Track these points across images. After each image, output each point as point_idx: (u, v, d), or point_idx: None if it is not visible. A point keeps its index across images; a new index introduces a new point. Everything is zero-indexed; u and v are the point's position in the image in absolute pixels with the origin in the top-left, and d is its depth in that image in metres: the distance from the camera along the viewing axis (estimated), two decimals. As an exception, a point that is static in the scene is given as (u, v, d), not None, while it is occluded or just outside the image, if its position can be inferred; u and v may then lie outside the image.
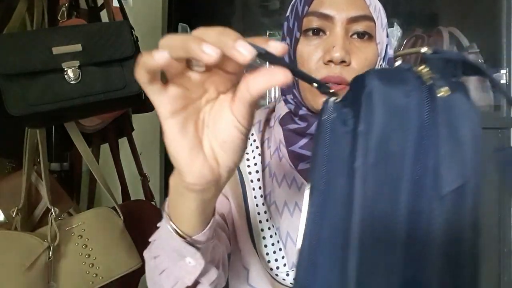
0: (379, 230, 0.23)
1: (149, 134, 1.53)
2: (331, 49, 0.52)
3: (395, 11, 1.58)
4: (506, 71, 1.39)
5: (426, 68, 0.26)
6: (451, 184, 0.23)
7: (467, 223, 0.24)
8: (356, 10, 0.53)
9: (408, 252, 0.23)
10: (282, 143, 0.60)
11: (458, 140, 0.24)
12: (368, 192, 0.24)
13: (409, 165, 0.24)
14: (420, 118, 0.24)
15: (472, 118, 0.24)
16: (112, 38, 0.79)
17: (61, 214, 0.81)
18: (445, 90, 0.24)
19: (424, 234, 0.23)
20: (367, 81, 0.25)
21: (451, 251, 0.23)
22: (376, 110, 0.24)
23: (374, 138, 0.24)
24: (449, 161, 0.23)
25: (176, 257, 0.40)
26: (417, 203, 0.23)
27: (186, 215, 0.37)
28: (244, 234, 0.59)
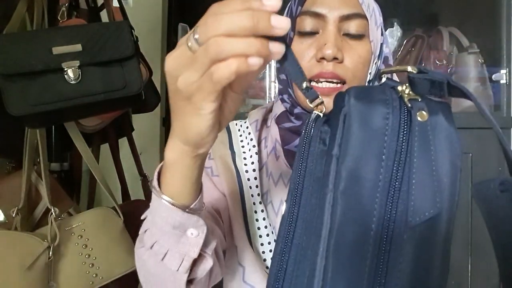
0: (346, 263, 0.23)
1: (149, 134, 1.53)
2: (323, 47, 0.53)
3: (395, 11, 1.58)
4: (506, 71, 1.39)
5: (408, 89, 0.25)
6: (422, 214, 0.22)
7: (436, 257, 0.23)
8: (348, 8, 0.54)
9: (375, 279, 0.23)
10: (278, 142, 0.61)
11: (434, 169, 0.23)
12: (335, 218, 0.23)
13: (381, 193, 0.23)
14: (396, 143, 0.23)
15: (450, 144, 0.23)
16: (112, 38, 0.79)
17: (61, 214, 0.81)
18: (424, 114, 0.24)
19: (392, 264, 0.23)
20: (346, 100, 0.24)
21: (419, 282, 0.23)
22: (352, 133, 0.23)
23: (347, 164, 0.23)
24: (421, 190, 0.22)
25: (178, 234, 0.41)
26: (388, 232, 0.23)
27: (188, 184, 0.38)
28: (240, 231, 0.59)
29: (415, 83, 0.25)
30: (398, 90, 0.25)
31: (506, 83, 1.39)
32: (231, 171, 0.61)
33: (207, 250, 0.44)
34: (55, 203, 0.79)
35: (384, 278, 0.22)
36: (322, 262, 0.23)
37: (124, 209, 0.87)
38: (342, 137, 0.24)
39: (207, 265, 0.44)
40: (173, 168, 0.38)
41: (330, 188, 0.24)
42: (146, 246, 0.44)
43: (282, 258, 0.28)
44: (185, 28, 1.57)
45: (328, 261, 0.23)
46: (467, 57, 1.46)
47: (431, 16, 1.64)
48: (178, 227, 0.40)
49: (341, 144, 0.24)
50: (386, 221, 0.23)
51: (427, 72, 0.25)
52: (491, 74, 1.43)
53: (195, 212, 0.40)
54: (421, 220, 0.22)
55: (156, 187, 0.40)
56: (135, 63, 0.81)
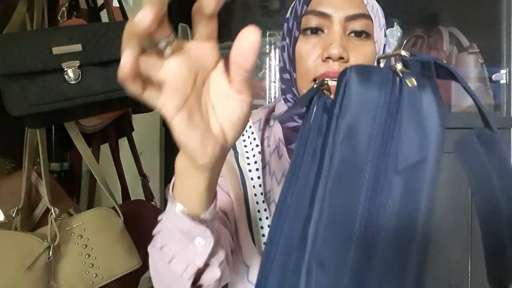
0: (341, 200, 0.26)
1: (149, 134, 1.53)
2: (329, 46, 0.53)
3: (395, 11, 1.58)
4: (506, 71, 1.39)
5: (401, 65, 0.29)
6: (408, 161, 0.26)
7: (422, 200, 0.26)
8: (353, 8, 0.54)
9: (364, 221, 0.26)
10: (282, 142, 0.61)
11: (421, 124, 0.26)
12: (334, 166, 0.27)
13: (374, 145, 0.26)
14: (388, 104, 0.27)
15: (435, 110, 0.27)
16: (112, 38, 0.79)
17: (61, 214, 0.81)
18: (412, 81, 0.28)
19: (382, 207, 0.26)
20: (347, 72, 0.28)
21: (405, 227, 0.26)
22: (351, 96, 0.27)
23: (345, 119, 0.27)
24: (408, 140, 0.26)
25: (185, 240, 0.41)
26: (380, 177, 0.26)
27: (195, 195, 0.37)
28: (244, 231, 0.59)
29: (408, 65, 0.29)
30: (392, 67, 0.30)
31: (506, 83, 1.39)
32: (234, 171, 0.61)
33: (214, 261, 0.44)
34: (55, 203, 0.79)
35: (377, 210, 0.26)
36: (319, 204, 0.27)
37: (124, 209, 0.87)
38: (342, 99, 0.28)
39: (214, 275, 0.44)
40: (180, 177, 0.37)
41: (330, 141, 0.27)
42: (157, 247, 0.44)
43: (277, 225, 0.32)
44: (185, 28, 1.57)
45: (325, 201, 0.26)
46: (467, 57, 1.46)
47: (431, 16, 1.64)
48: (186, 234, 0.40)
49: (341, 104, 0.27)
50: (379, 168, 0.26)
51: (417, 55, 0.30)
52: (491, 74, 1.43)
53: (204, 223, 0.40)
54: (407, 165, 0.26)
55: (170, 193, 0.40)
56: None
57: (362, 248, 0.25)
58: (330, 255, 0.26)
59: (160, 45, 0.27)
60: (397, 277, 0.25)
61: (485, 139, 0.27)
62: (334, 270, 0.25)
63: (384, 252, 0.25)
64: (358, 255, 0.25)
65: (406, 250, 0.25)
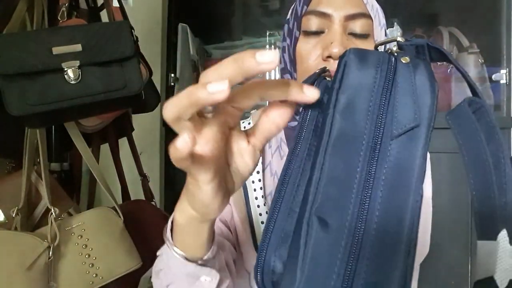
0: (340, 163, 0.28)
1: (149, 134, 1.53)
2: (330, 45, 0.53)
3: (395, 11, 1.58)
4: (506, 71, 1.39)
5: (396, 47, 0.32)
6: (403, 126, 0.28)
7: (417, 162, 0.27)
8: (353, 8, 0.54)
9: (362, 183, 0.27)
10: (284, 141, 0.61)
11: (414, 95, 0.28)
12: (333, 133, 0.28)
13: (371, 116, 0.28)
14: (384, 80, 0.29)
15: (427, 84, 0.29)
16: (112, 38, 0.79)
17: (61, 214, 0.81)
18: (406, 59, 0.30)
19: (378, 168, 0.28)
20: (347, 54, 0.30)
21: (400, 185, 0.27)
22: (349, 73, 0.29)
23: (345, 92, 0.29)
24: (403, 108, 0.28)
25: (191, 280, 0.41)
26: (376, 142, 0.28)
27: (198, 243, 0.38)
28: (246, 237, 0.59)
29: (404, 49, 0.32)
30: (388, 49, 0.32)
31: (506, 83, 1.39)
32: None
33: None
34: (55, 203, 0.79)
35: (374, 170, 0.27)
36: (319, 165, 0.28)
37: (124, 209, 0.87)
38: (342, 75, 0.30)
39: None
40: (182, 229, 0.37)
41: (330, 111, 0.29)
42: (163, 285, 0.45)
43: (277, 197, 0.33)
44: (185, 28, 1.57)
45: (325, 163, 0.28)
46: (467, 57, 1.46)
47: (431, 16, 1.64)
48: (191, 276, 0.41)
49: (340, 80, 0.29)
50: (376, 136, 0.28)
51: (410, 40, 0.32)
52: (491, 74, 1.43)
53: (207, 262, 0.40)
54: (402, 130, 0.28)
55: (169, 239, 0.39)
56: (135, 63, 0.81)
57: (360, 205, 0.27)
58: (330, 211, 0.27)
59: (206, 110, 0.27)
60: (392, 232, 0.26)
61: (476, 106, 0.29)
62: (334, 226, 0.27)
63: (380, 210, 0.27)
64: (356, 212, 0.27)
65: (402, 208, 0.27)
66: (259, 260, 0.32)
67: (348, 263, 0.26)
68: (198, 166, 0.27)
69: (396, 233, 0.26)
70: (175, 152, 0.25)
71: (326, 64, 0.54)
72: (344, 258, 0.26)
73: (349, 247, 0.26)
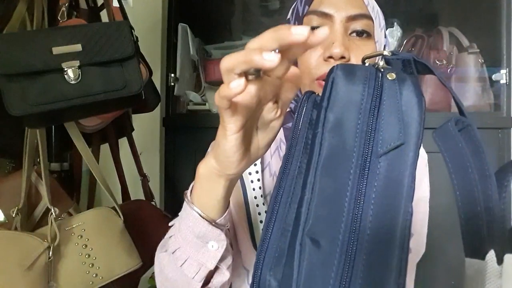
0: (331, 182, 0.28)
1: (149, 134, 1.53)
2: (331, 46, 0.53)
3: (395, 11, 1.58)
4: (506, 71, 1.39)
5: (383, 62, 0.32)
6: (388, 144, 0.28)
7: (405, 180, 0.28)
8: (354, 8, 0.54)
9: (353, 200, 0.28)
10: (283, 142, 0.61)
11: (399, 111, 0.29)
12: (323, 152, 0.29)
13: (360, 134, 0.29)
14: (371, 96, 0.29)
15: (414, 100, 0.29)
16: (112, 38, 0.79)
17: (61, 214, 0.81)
18: (393, 75, 0.30)
19: (368, 186, 0.28)
20: (334, 70, 0.31)
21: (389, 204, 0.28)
22: (338, 91, 0.30)
23: (334, 110, 0.29)
24: (388, 126, 0.28)
25: (199, 244, 0.43)
26: (365, 161, 0.28)
27: (214, 201, 0.41)
28: (244, 235, 0.60)
29: (391, 63, 0.32)
30: (375, 65, 0.32)
31: (506, 83, 1.39)
32: None
33: (223, 265, 0.46)
34: (55, 203, 0.79)
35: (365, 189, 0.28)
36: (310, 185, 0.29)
37: (124, 209, 0.87)
38: (330, 92, 0.30)
39: (223, 277, 0.47)
40: (202, 182, 0.41)
41: (319, 130, 0.30)
42: (169, 251, 0.46)
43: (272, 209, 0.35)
44: (185, 28, 1.57)
45: (316, 183, 0.28)
46: (467, 57, 1.46)
47: (431, 16, 1.64)
48: (201, 238, 0.43)
49: (329, 98, 0.30)
50: (365, 154, 0.28)
51: (397, 54, 0.33)
52: (491, 74, 1.42)
53: (220, 227, 0.43)
54: (387, 149, 0.28)
55: (188, 197, 0.43)
56: (135, 63, 0.81)
57: (351, 224, 0.27)
58: (322, 231, 0.28)
59: (250, 71, 0.31)
60: (384, 251, 0.27)
61: (462, 125, 0.29)
62: (326, 246, 0.27)
63: (372, 229, 0.27)
64: (348, 231, 0.27)
65: (391, 227, 0.27)
66: (255, 278, 0.33)
67: (341, 282, 0.27)
68: (230, 113, 0.33)
69: (387, 250, 0.27)
70: (225, 90, 0.30)
71: (327, 65, 0.54)
72: (338, 277, 0.27)
73: (342, 266, 0.27)
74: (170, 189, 1.57)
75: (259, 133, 0.38)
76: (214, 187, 0.40)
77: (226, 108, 0.32)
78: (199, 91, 1.65)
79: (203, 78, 1.64)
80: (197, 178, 0.42)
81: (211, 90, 1.62)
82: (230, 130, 0.34)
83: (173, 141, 1.60)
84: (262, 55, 0.28)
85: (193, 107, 1.64)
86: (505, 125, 1.38)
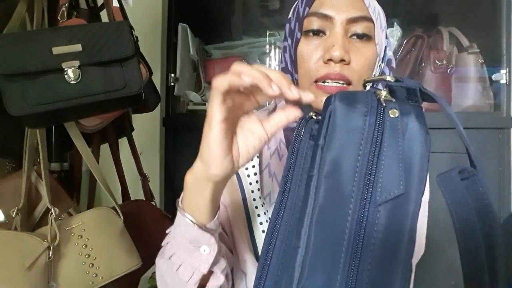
0: (326, 235, 0.27)
1: (149, 134, 1.53)
2: (331, 49, 0.53)
3: (395, 11, 1.58)
4: (506, 71, 1.39)
5: (385, 92, 0.29)
6: (388, 194, 0.26)
7: (405, 233, 0.26)
8: (355, 11, 0.54)
9: (350, 254, 0.26)
10: (283, 142, 0.61)
11: (401, 157, 0.26)
12: (318, 200, 0.27)
13: (358, 178, 0.27)
14: (372, 135, 0.27)
15: (418, 138, 0.27)
16: (112, 38, 0.79)
17: (61, 214, 0.81)
18: (395, 112, 0.28)
19: (366, 239, 0.26)
20: (333, 101, 0.29)
21: (389, 255, 0.26)
22: (335, 127, 0.28)
23: (330, 153, 0.27)
24: (388, 174, 0.26)
25: (192, 249, 0.45)
26: (363, 211, 0.26)
27: (202, 205, 0.43)
28: (241, 239, 0.59)
29: (394, 90, 0.30)
30: (377, 93, 0.30)
31: (506, 83, 1.39)
32: (232, 177, 0.61)
33: (217, 269, 0.47)
34: (55, 203, 0.79)
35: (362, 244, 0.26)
36: (305, 236, 0.27)
37: (124, 209, 0.87)
38: (327, 130, 0.28)
39: (219, 281, 0.48)
40: (190, 190, 0.43)
41: (315, 173, 0.28)
42: (166, 257, 0.48)
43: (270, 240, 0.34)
44: (185, 28, 1.57)
45: (310, 234, 0.27)
46: (467, 57, 1.46)
47: (431, 16, 1.64)
48: (193, 242, 0.44)
49: (326, 136, 0.28)
50: (363, 200, 0.27)
51: (402, 81, 0.30)
52: (491, 74, 1.42)
53: (210, 231, 0.45)
54: (387, 198, 0.26)
55: (180, 205, 0.45)
56: (135, 63, 0.81)
57: (348, 281, 0.26)
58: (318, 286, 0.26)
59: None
60: None
61: (467, 175, 0.28)
62: None
63: (369, 284, 0.26)
64: (344, 285, 0.26)
65: (391, 281, 0.26)
66: None
67: None
68: (222, 99, 0.38)
69: None
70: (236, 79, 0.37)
71: (327, 67, 0.54)
72: None
73: None
74: (170, 189, 1.57)
75: (239, 138, 0.41)
76: (201, 192, 0.42)
77: (222, 92, 0.37)
78: (199, 91, 1.65)
79: (203, 78, 1.64)
80: (185, 187, 0.44)
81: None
82: (215, 119, 0.38)
83: (173, 141, 1.60)
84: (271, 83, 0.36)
85: (193, 107, 1.64)
86: (505, 125, 1.38)
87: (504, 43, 1.39)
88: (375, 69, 0.56)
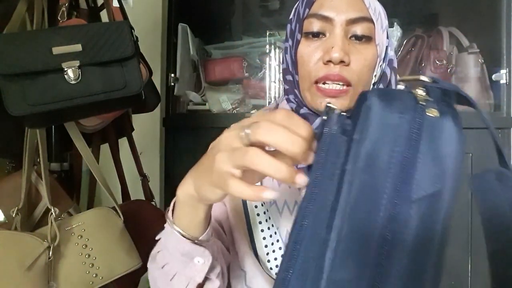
0: (359, 228, 0.26)
1: (149, 134, 1.53)
2: (331, 50, 0.53)
3: (395, 11, 1.58)
4: (506, 71, 1.39)
5: (423, 92, 0.29)
6: (423, 192, 0.26)
7: (437, 230, 0.26)
8: (355, 12, 0.54)
9: (381, 250, 0.26)
10: None
11: (438, 155, 0.26)
12: (352, 193, 0.27)
13: (393, 173, 0.26)
14: (408, 134, 0.27)
15: (455, 139, 0.27)
16: (112, 38, 0.79)
17: (61, 214, 0.81)
18: (434, 111, 0.27)
19: (398, 235, 0.26)
20: (369, 96, 0.28)
21: (420, 254, 0.26)
22: (372, 122, 0.27)
23: (366, 147, 0.27)
24: (424, 172, 0.26)
25: (186, 260, 0.44)
26: (396, 207, 0.26)
27: (195, 222, 0.42)
28: (241, 237, 0.59)
29: (429, 90, 0.29)
30: (414, 92, 0.29)
31: (506, 83, 1.39)
32: None
33: (212, 275, 0.47)
34: (55, 203, 0.79)
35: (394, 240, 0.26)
36: (336, 229, 0.27)
37: (124, 209, 0.87)
38: (363, 125, 0.28)
39: (214, 285, 0.48)
40: (182, 206, 0.42)
41: (349, 167, 0.27)
42: (158, 266, 0.47)
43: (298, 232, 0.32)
44: (185, 28, 1.57)
45: (343, 227, 0.26)
46: (467, 57, 1.46)
47: (431, 16, 1.64)
48: (186, 255, 0.44)
49: (362, 131, 0.27)
50: (396, 197, 0.26)
51: (438, 82, 0.29)
52: (491, 74, 1.42)
53: (203, 243, 0.44)
54: (422, 196, 0.26)
55: (170, 218, 0.44)
56: (135, 63, 0.81)
57: (379, 276, 0.26)
58: (347, 283, 0.26)
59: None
60: None
61: (503, 176, 0.27)
62: None
63: (400, 279, 0.25)
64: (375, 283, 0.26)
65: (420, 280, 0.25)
66: None
67: None
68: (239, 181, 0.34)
69: None
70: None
71: (326, 68, 0.54)
72: None
73: None
74: (170, 189, 1.57)
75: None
76: (194, 211, 0.42)
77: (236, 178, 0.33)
78: (199, 91, 1.65)
79: (203, 78, 1.64)
80: (177, 201, 0.43)
81: (211, 90, 1.62)
82: (221, 193, 0.37)
83: (173, 141, 1.60)
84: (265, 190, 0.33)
85: (193, 107, 1.64)
86: (505, 125, 1.37)
87: (504, 43, 1.39)
88: (376, 70, 0.56)
